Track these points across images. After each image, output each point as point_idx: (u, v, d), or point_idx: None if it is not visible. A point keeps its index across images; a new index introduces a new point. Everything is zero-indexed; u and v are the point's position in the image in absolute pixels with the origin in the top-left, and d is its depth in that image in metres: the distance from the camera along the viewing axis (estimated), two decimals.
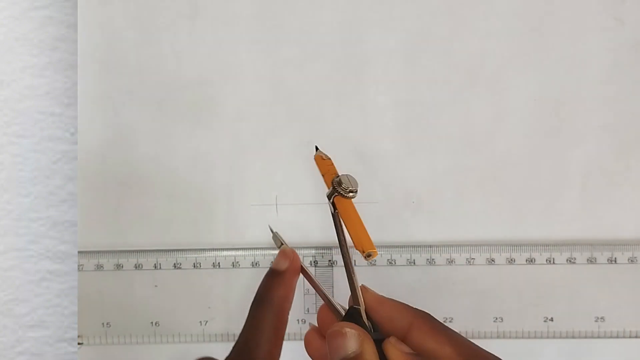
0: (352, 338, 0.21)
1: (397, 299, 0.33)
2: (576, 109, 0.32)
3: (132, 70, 0.33)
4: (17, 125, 0.32)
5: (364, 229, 0.24)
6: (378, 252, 0.33)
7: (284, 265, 0.27)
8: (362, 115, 0.33)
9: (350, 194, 0.25)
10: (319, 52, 0.33)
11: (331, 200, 0.25)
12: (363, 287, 0.24)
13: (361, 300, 0.24)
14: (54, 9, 0.32)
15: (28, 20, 0.32)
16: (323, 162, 0.28)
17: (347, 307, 0.25)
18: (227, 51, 0.33)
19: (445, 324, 0.33)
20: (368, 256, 0.23)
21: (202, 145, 0.33)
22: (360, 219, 0.25)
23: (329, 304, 0.26)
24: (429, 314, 0.23)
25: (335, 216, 0.25)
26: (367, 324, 0.24)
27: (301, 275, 0.27)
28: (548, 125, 0.32)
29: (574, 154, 0.33)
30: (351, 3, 0.32)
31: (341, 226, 0.25)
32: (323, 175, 0.27)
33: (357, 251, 0.24)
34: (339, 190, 0.25)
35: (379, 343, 0.22)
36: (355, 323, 0.23)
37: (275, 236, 0.31)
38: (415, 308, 0.23)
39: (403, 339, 0.22)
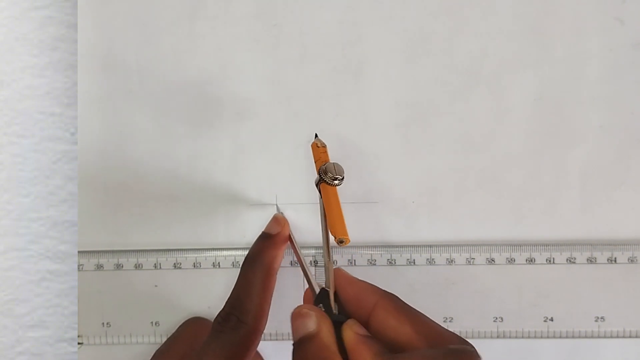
0: (310, 318, 0.23)
1: None
2: (576, 109, 0.32)
3: (132, 70, 0.33)
4: (17, 125, 0.32)
5: (342, 216, 0.25)
6: (379, 253, 0.33)
7: (275, 229, 0.31)
8: (362, 115, 0.33)
9: (335, 182, 0.26)
10: (319, 52, 0.33)
11: (318, 187, 0.27)
12: (337, 269, 0.26)
13: (332, 283, 0.26)
14: (54, 9, 0.32)
15: (28, 20, 0.32)
16: (317, 149, 0.29)
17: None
18: (227, 51, 0.33)
19: (444, 323, 0.33)
20: (340, 242, 0.24)
21: (202, 145, 0.33)
22: (339, 207, 0.26)
23: (307, 281, 0.28)
24: (395, 296, 0.24)
25: (321, 202, 0.27)
26: (333, 305, 0.25)
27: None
28: (548, 125, 0.32)
29: (574, 154, 0.33)
30: (351, 3, 0.32)
31: (324, 213, 0.27)
32: (315, 162, 0.28)
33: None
34: (324, 178, 0.26)
35: (340, 325, 0.23)
36: (324, 304, 0.25)
37: (277, 209, 0.33)
38: (383, 290, 0.24)
39: (368, 317, 0.23)
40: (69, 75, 0.32)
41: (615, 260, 0.32)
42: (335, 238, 0.24)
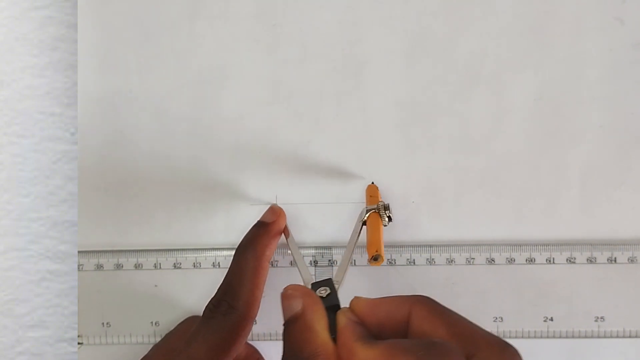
0: (295, 299, 0.22)
1: None
2: (576, 109, 0.32)
3: (132, 70, 0.33)
4: (17, 125, 0.32)
5: (381, 240, 0.29)
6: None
7: (271, 219, 0.31)
8: (362, 115, 0.33)
9: (386, 220, 0.30)
10: (319, 52, 0.33)
11: (368, 213, 0.30)
12: (356, 298, 0.24)
13: (345, 274, 0.28)
14: (54, 9, 0.32)
15: (28, 20, 0.32)
16: (374, 188, 0.33)
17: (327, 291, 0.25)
18: (227, 51, 0.33)
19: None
20: (375, 259, 0.28)
21: (202, 145, 0.33)
22: (381, 234, 0.29)
23: (300, 273, 0.29)
24: (427, 298, 0.23)
25: (361, 224, 0.30)
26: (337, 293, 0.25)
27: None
28: (548, 125, 0.32)
29: (574, 154, 0.33)
30: (351, 3, 0.32)
31: (359, 233, 0.30)
32: (370, 197, 0.32)
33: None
34: (381, 213, 0.30)
35: (334, 309, 0.23)
36: (330, 288, 0.25)
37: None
38: (413, 296, 0.23)
39: (406, 328, 0.22)
40: (69, 75, 0.33)
41: (615, 260, 0.32)
42: (371, 254, 0.28)
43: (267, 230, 0.31)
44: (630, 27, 0.32)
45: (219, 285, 0.28)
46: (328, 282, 0.25)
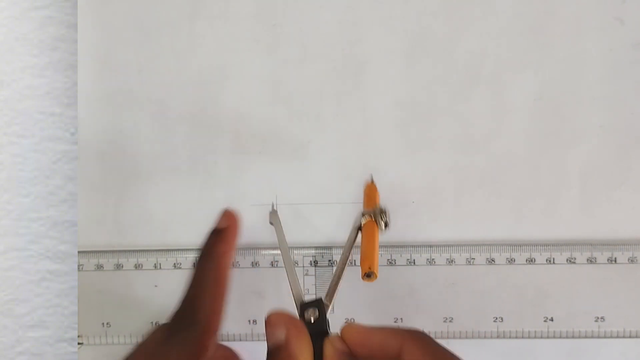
0: (278, 328, 0.22)
1: (397, 299, 0.33)
2: (576, 109, 0.32)
3: (132, 70, 0.33)
4: (17, 125, 0.32)
5: (377, 254, 0.28)
6: (380, 253, 0.33)
7: (224, 224, 0.29)
8: (362, 115, 0.33)
9: (384, 227, 0.29)
10: (319, 52, 0.33)
11: (363, 221, 0.29)
12: (349, 324, 0.24)
13: (335, 294, 0.26)
14: (54, 9, 0.32)
15: (28, 20, 0.32)
16: (373, 189, 0.31)
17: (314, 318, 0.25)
18: (227, 51, 0.33)
19: (444, 324, 0.33)
20: (368, 276, 0.26)
21: (202, 145, 0.33)
22: (377, 246, 0.28)
23: (291, 287, 0.27)
24: (420, 333, 0.22)
25: (356, 231, 0.29)
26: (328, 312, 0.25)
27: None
28: (548, 125, 0.32)
29: (574, 154, 0.33)
30: (351, 3, 0.32)
31: (354, 240, 0.29)
32: (367, 200, 0.31)
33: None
34: (377, 219, 0.29)
35: (322, 336, 0.22)
36: (319, 310, 0.24)
37: (273, 207, 0.33)
38: (406, 329, 0.22)
39: None
40: (69, 75, 0.33)
41: (615, 260, 0.32)
42: (364, 270, 0.26)
43: (222, 238, 0.29)
44: (630, 27, 0.32)
45: (180, 299, 0.27)
46: (318, 303, 0.24)
